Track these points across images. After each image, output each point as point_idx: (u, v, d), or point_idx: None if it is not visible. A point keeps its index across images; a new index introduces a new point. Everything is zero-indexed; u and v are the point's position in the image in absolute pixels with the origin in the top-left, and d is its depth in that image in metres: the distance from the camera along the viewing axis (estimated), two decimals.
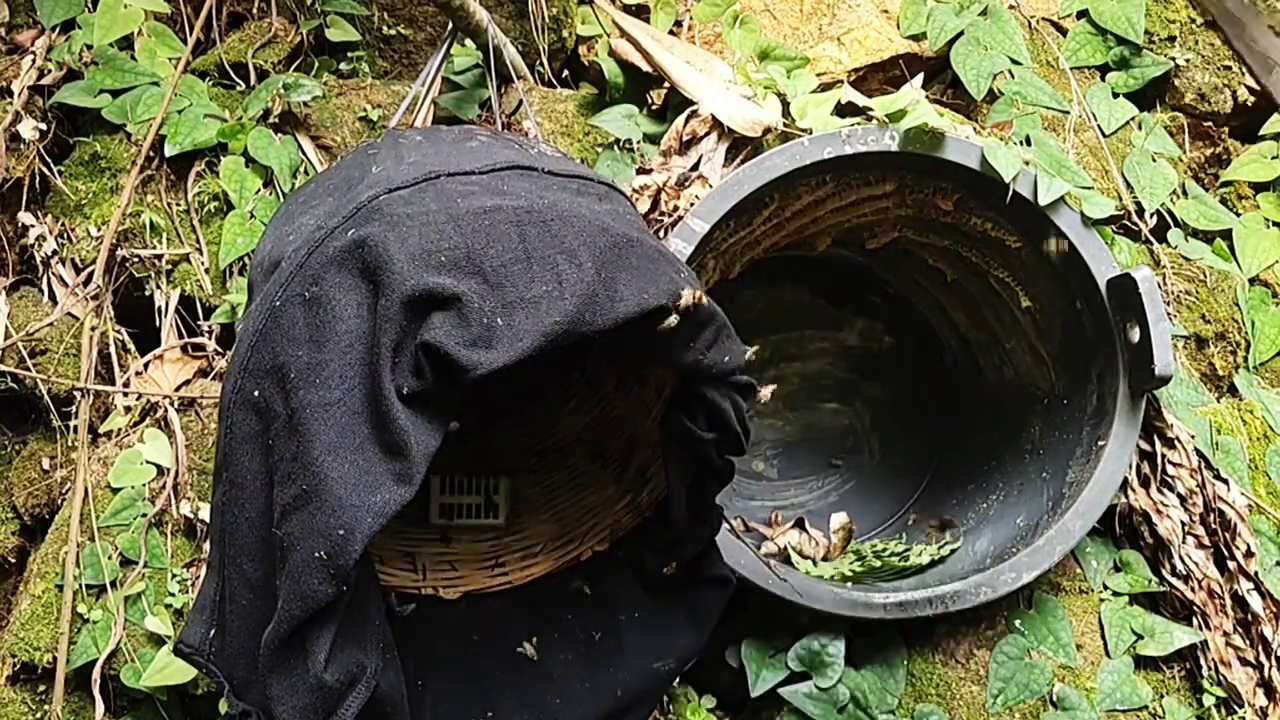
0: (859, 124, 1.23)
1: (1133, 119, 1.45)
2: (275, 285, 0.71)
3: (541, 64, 1.43)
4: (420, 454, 0.66)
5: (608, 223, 0.74)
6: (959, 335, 1.43)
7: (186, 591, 1.14)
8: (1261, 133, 1.47)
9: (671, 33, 1.46)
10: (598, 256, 0.72)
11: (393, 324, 0.66)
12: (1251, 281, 1.40)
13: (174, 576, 1.15)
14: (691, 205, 1.21)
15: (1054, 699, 1.19)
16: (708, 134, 1.27)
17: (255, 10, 1.41)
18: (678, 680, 1.16)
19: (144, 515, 1.16)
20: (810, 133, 1.23)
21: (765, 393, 0.89)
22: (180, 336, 1.27)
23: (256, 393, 0.70)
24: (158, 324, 1.27)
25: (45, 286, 1.29)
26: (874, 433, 1.46)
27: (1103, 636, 1.24)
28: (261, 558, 0.70)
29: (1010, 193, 1.20)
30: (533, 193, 0.76)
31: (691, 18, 1.49)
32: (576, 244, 0.71)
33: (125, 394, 1.24)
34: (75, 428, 1.22)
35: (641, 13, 1.46)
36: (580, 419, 1.04)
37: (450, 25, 1.28)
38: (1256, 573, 1.25)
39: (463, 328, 0.66)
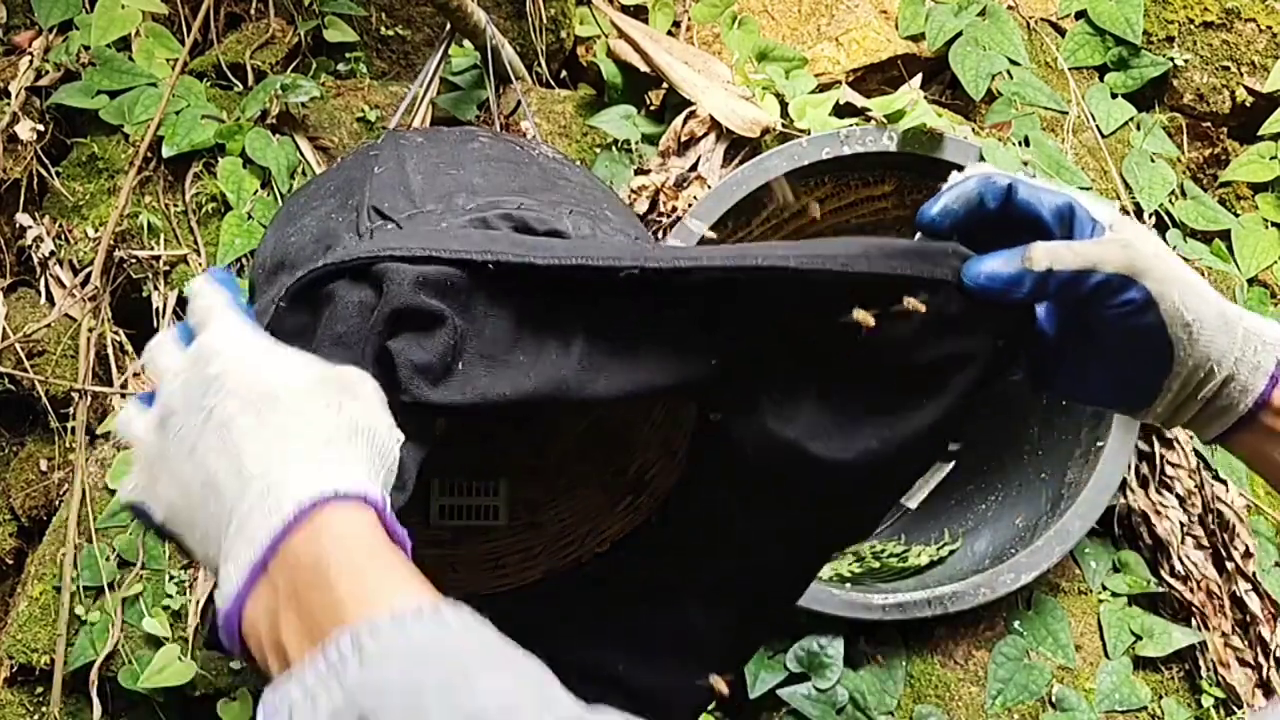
0: (857, 124, 1.23)
1: (1131, 119, 1.45)
2: (281, 287, 0.71)
3: (539, 64, 1.42)
4: (409, 465, 0.65)
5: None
6: None
7: (184, 593, 1.14)
8: (1260, 133, 1.47)
9: (670, 33, 1.46)
10: (592, 338, 0.67)
11: (377, 333, 0.66)
12: (1250, 282, 1.39)
13: (171, 578, 1.14)
14: (690, 206, 1.21)
15: (1053, 700, 1.19)
16: (706, 134, 1.27)
17: (253, 11, 1.41)
18: None
19: None
20: (808, 133, 1.23)
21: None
22: None
23: None
24: (155, 325, 1.26)
25: (43, 288, 1.28)
26: None
27: (1101, 637, 1.24)
28: None
29: None
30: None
31: (690, 18, 1.49)
32: (578, 325, 0.67)
33: (123, 395, 1.24)
34: (73, 429, 1.22)
35: (640, 13, 1.46)
36: (580, 421, 1.04)
37: (448, 26, 1.28)
38: (1255, 573, 1.25)
39: (420, 351, 0.64)
